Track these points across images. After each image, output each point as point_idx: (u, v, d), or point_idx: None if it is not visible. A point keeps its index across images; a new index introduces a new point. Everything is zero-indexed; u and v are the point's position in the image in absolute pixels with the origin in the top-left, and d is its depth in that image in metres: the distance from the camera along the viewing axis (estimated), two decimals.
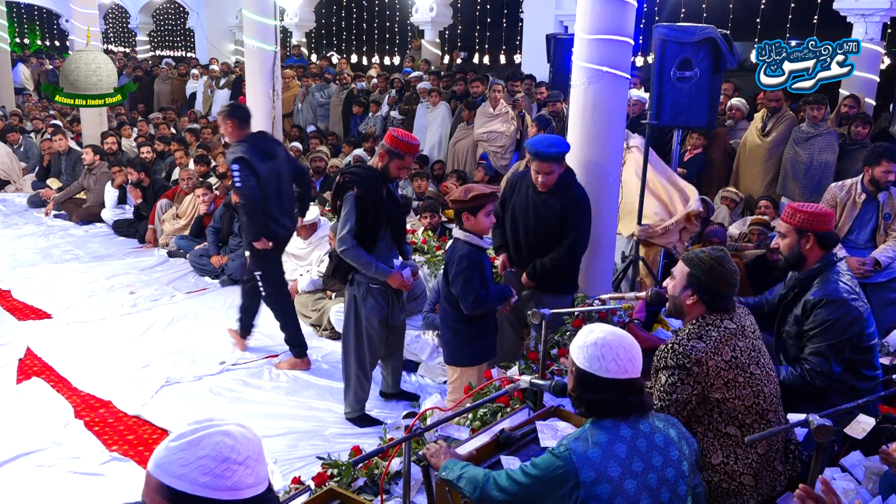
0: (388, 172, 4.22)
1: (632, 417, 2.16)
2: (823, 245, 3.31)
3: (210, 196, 7.72)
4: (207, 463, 1.41)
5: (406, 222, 4.50)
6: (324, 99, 11.63)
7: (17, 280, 6.94)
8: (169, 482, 1.42)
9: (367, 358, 4.45)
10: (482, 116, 8.55)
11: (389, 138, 4.18)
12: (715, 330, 2.68)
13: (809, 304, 3.24)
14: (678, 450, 2.19)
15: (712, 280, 2.71)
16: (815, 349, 3.21)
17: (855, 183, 5.23)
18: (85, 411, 4.65)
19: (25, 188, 10.65)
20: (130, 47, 21.88)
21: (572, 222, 4.34)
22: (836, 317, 3.17)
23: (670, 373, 2.66)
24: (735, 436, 2.67)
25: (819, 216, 3.30)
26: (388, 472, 3.00)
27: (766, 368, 2.75)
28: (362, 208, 4.15)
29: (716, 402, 2.66)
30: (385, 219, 4.25)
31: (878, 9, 8.37)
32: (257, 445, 1.49)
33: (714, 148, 7.60)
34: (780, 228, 3.44)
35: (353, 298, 4.39)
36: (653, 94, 5.25)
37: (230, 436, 1.45)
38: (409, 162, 4.25)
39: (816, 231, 3.28)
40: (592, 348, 2.15)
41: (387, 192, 4.27)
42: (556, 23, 11.73)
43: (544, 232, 4.37)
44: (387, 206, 4.25)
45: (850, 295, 3.22)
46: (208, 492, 1.41)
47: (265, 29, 7.35)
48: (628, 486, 2.06)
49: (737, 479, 2.68)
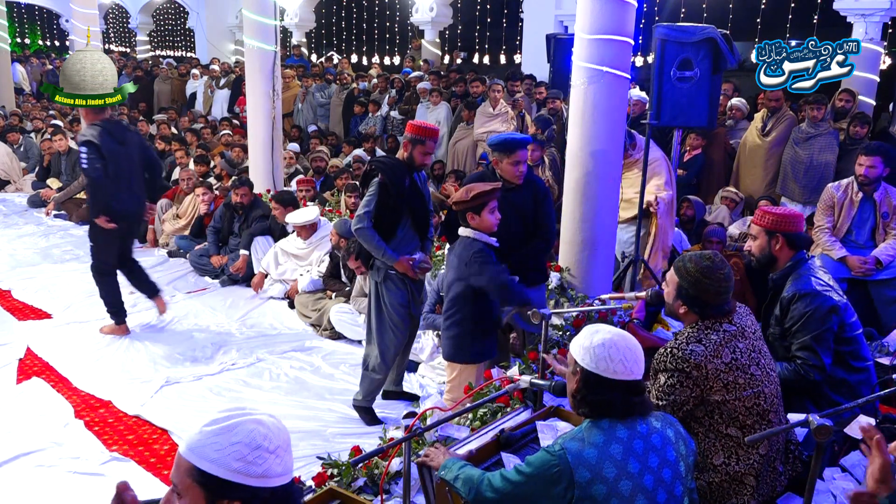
0: (414, 161, 4.37)
1: (629, 418, 2.15)
2: (792, 245, 3.41)
3: (210, 196, 7.72)
4: (241, 449, 1.46)
5: (431, 216, 4.62)
6: (324, 99, 11.63)
7: (17, 280, 6.93)
8: (202, 465, 1.46)
9: (390, 348, 4.50)
10: (482, 116, 8.55)
11: (409, 127, 4.39)
12: (714, 333, 2.68)
13: (785, 300, 3.33)
14: (675, 451, 2.18)
15: (699, 292, 2.69)
16: (800, 344, 3.27)
17: (851, 182, 5.25)
18: (85, 411, 4.65)
19: (25, 188, 10.65)
20: (130, 47, 21.89)
21: (546, 211, 4.45)
22: (812, 308, 3.24)
23: (669, 375, 2.66)
24: (736, 437, 2.67)
25: (787, 217, 3.41)
26: (388, 472, 3.00)
27: (766, 369, 2.75)
28: (384, 194, 4.29)
29: (716, 403, 2.65)
30: (406, 208, 4.36)
31: (878, 9, 8.38)
32: (287, 436, 1.53)
33: (714, 148, 7.60)
34: (752, 231, 3.55)
35: (376, 285, 4.47)
36: (653, 94, 5.25)
37: (263, 424, 1.50)
38: (430, 147, 4.40)
39: (785, 232, 3.39)
40: (600, 349, 2.14)
41: (410, 182, 4.38)
42: (556, 23, 11.73)
43: (521, 225, 4.42)
44: (409, 196, 4.37)
45: (822, 287, 3.30)
46: (240, 477, 1.46)
47: (265, 29, 7.36)
48: (623, 487, 2.06)
49: (738, 480, 2.68)
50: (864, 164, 5.10)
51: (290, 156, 9.19)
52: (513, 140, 4.37)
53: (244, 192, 7.14)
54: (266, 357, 5.45)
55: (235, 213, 7.26)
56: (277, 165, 7.87)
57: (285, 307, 6.48)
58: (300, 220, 6.57)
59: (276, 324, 6.20)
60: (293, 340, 5.81)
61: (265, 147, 7.71)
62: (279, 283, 6.68)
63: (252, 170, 7.90)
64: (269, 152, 7.71)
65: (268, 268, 6.75)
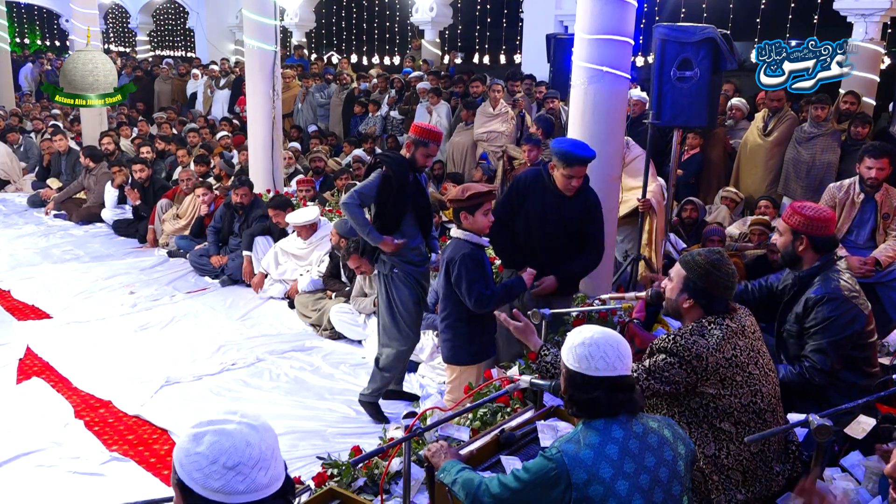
0: (416, 161, 4.41)
1: (623, 417, 2.15)
2: (817, 249, 3.33)
3: (210, 196, 7.72)
4: (199, 461, 1.45)
5: (433, 216, 4.64)
6: (323, 99, 11.63)
7: (17, 280, 6.93)
8: (175, 466, 1.48)
9: (405, 346, 4.51)
10: (482, 116, 8.56)
11: (414, 129, 4.44)
12: (717, 328, 2.68)
13: (811, 301, 3.26)
14: (673, 450, 2.19)
15: (708, 284, 2.70)
16: (816, 346, 3.23)
17: (853, 183, 5.24)
18: (85, 411, 4.65)
19: (25, 188, 10.65)
20: (130, 47, 21.89)
21: (597, 225, 4.35)
22: (838, 314, 3.19)
23: (668, 355, 2.67)
24: (729, 432, 2.68)
25: (817, 221, 3.31)
26: (388, 472, 3.00)
27: (765, 369, 2.75)
28: (386, 186, 4.31)
29: (710, 396, 2.66)
30: (410, 203, 4.38)
31: (878, 9, 8.38)
32: (262, 452, 1.47)
33: (714, 148, 7.60)
34: (779, 226, 3.49)
35: (384, 279, 4.48)
36: (653, 94, 5.25)
37: (230, 437, 1.46)
38: (434, 150, 4.44)
39: (811, 235, 3.31)
40: (580, 348, 2.17)
41: (413, 179, 4.42)
42: (556, 23, 11.73)
43: (563, 235, 4.31)
44: (413, 192, 4.39)
45: (850, 293, 3.24)
46: (198, 488, 1.45)
47: (265, 29, 7.36)
48: (620, 487, 2.06)
49: (724, 473, 2.69)
50: (874, 166, 5.00)
51: (290, 156, 9.19)
52: (573, 155, 4.15)
53: (244, 193, 7.14)
54: (266, 357, 5.44)
55: (236, 213, 7.26)
56: (277, 165, 7.87)
57: (285, 307, 6.48)
58: (300, 220, 6.57)
59: (276, 324, 6.20)
60: (293, 340, 5.81)
61: (265, 147, 7.71)
62: (279, 283, 6.68)
63: (252, 170, 7.90)
64: (269, 152, 7.71)
65: (268, 268, 6.75)
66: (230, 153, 9.65)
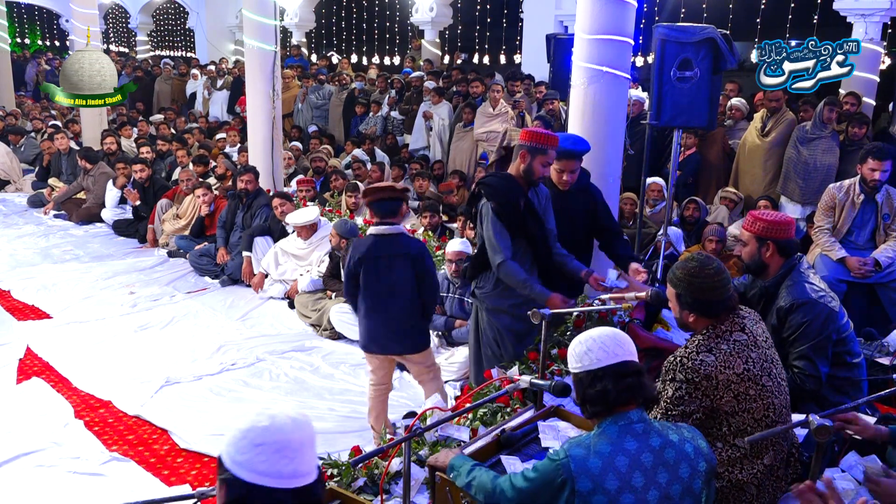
0: (533, 173, 3.86)
1: (639, 426, 2.11)
2: (783, 253, 3.32)
3: (210, 196, 7.72)
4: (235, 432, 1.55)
5: (555, 239, 4.03)
6: (319, 100, 11.62)
7: (17, 280, 6.93)
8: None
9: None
10: (482, 116, 8.55)
11: (526, 135, 3.85)
12: (725, 343, 2.63)
13: (782, 311, 3.25)
14: (691, 467, 2.13)
15: (697, 293, 2.65)
16: (798, 353, 3.22)
17: (853, 184, 5.23)
18: (85, 411, 4.65)
19: (25, 188, 10.65)
20: (130, 47, 21.88)
21: (607, 211, 4.35)
22: (811, 318, 3.19)
23: (678, 386, 2.63)
24: (743, 447, 2.66)
25: (779, 224, 3.31)
26: (388, 472, 3.00)
27: (777, 379, 2.70)
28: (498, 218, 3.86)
29: (725, 414, 2.62)
30: (518, 232, 3.89)
31: (878, 9, 8.38)
32: (288, 441, 1.59)
33: (712, 148, 7.60)
34: (742, 236, 3.45)
35: (475, 310, 4.18)
36: (653, 94, 5.25)
37: (270, 419, 1.59)
38: (552, 157, 3.89)
39: (776, 239, 3.30)
40: (578, 347, 2.19)
41: (525, 203, 3.90)
42: (556, 23, 11.74)
43: (570, 231, 4.26)
44: (524, 220, 3.88)
45: (818, 294, 3.24)
46: (223, 456, 1.54)
47: (265, 29, 7.36)
48: (625, 500, 2.04)
49: (739, 488, 2.68)
50: (877, 168, 4.98)
51: (290, 156, 9.19)
52: (562, 148, 3.98)
53: (249, 179, 7.15)
54: (266, 357, 5.45)
55: (239, 202, 7.24)
56: (277, 165, 7.87)
57: (285, 307, 6.49)
58: (300, 220, 6.57)
59: (275, 324, 6.20)
60: (293, 340, 5.81)
61: (265, 147, 7.71)
62: (279, 283, 6.69)
63: None
64: (269, 152, 7.71)
65: (268, 268, 6.75)
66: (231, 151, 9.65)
